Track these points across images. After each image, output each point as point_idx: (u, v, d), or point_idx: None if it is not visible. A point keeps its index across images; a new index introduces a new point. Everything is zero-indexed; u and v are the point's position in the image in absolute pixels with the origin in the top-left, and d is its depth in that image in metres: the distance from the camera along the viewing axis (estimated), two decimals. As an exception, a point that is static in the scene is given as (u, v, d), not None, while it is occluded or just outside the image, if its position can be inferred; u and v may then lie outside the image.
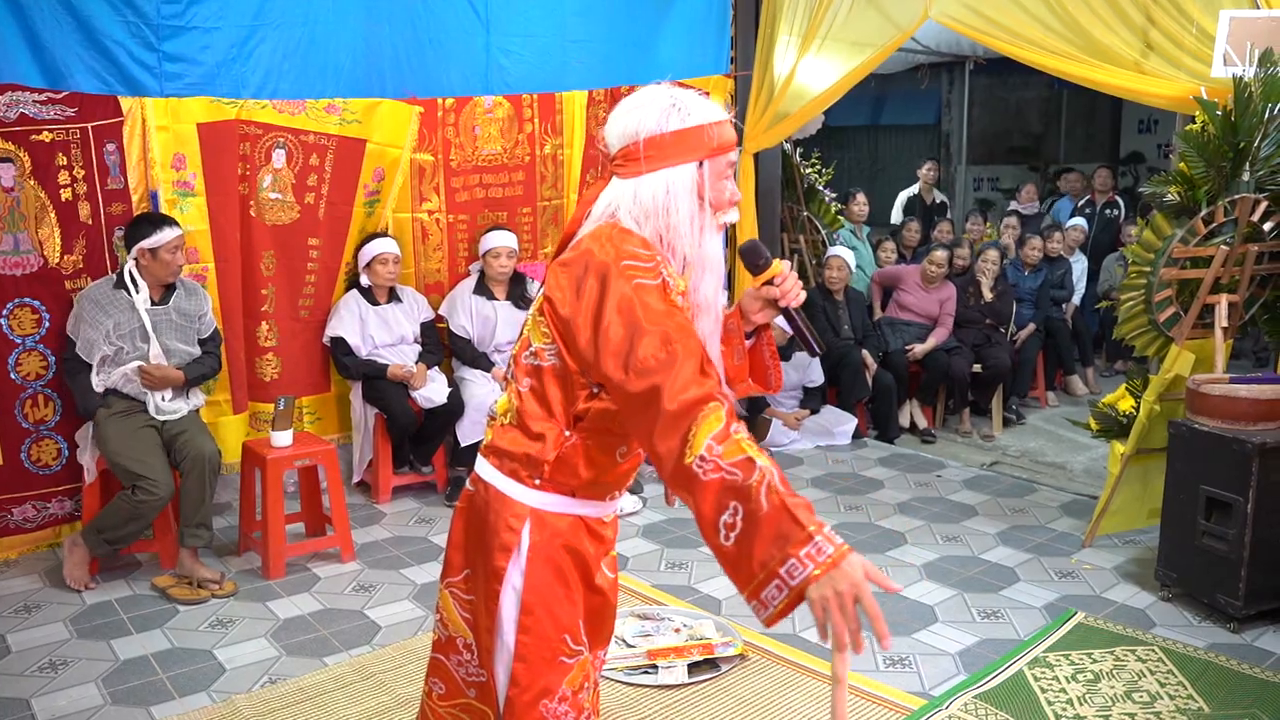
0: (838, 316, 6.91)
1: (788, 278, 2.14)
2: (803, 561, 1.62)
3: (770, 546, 1.64)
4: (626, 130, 2.02)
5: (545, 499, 2.03)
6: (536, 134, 5.95)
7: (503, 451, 2.05)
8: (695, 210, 2.00)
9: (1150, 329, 4.64)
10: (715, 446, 1.70)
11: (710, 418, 1.73)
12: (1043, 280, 7.85)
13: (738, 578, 1.70)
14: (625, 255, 1.90)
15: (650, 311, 1.84)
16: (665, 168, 1.99)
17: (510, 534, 2.01)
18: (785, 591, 1.64)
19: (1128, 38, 4.81)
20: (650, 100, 2.02)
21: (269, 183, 5.16)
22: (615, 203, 2.02)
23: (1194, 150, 4.32)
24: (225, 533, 5.05)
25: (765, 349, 2.28)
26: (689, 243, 2.00)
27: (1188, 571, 4.31)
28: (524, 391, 2.03)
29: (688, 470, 1.72)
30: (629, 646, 3.90)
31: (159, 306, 4.55)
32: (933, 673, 3.81)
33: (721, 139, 2.03)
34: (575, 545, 2.06)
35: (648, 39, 6.28)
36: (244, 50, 5.00)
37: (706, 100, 2.06)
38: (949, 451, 6.71)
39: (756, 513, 1.65)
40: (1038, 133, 13.87)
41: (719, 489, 1.68)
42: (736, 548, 1.67)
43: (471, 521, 2.12)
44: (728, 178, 2.07)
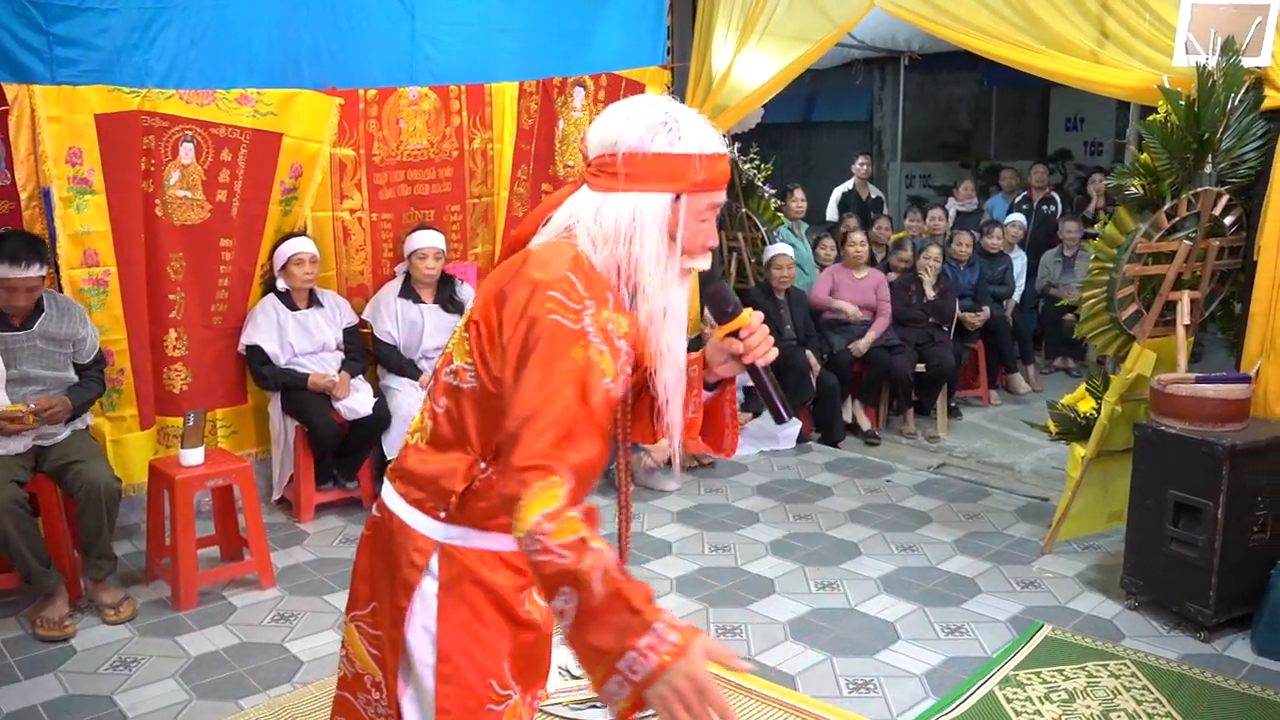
0: (780, 316, 6.69)
1: (756, 331, 1.91)
2: (644, 654, 1.47)
3: (607, 639, 1.49)
4: (608, 138, 1.79)
5: (452, 532, 1.82)
6: (465, 127, 5.62)
7: (410, 476, 1.86)
8: (663, 249, 1.78)
9: (1111, 327, 4.48)
10: (545, 524, 1.52)
11: (546, 494, 1.54)
12: (979, 276, 7.74)
13: (583, 665, 1.54)
14: (555, 285, 1.68)
15: (545, 351, 1.64)
16: (637, 191, 1.76)
17: (413, 570, 1.82)
18: (628, 688, 1.48)
19: (1083, 26, 4.64)
20: (643, 111, 1.79)
21: (176, 179, 4.77)
22: (577, 216, 1.80)
23: (1157, 141, 4.16)
24: (132, 558, 4.65)
25: (726, 406, 2.04)
26: (652, 283, 1.77)
27: (1155, 579, 4.15)
28: (439, 412, 1.83)
29: (520, 541, 1.55)
30: (573, 678, 3.61)
31: (19, 332, 4.11)
32: (899, 697, 3.59)
33: (710, 174, 1.78)
34: (488, 580, 1.83)
35: (582, 28, 5.98)
36: (146, 35, 4.59)
37: (706, 127, 1.80)
38: (895, 454, 6.53)
39: (589, 601, 1.50)
40: (968, 129, 13.88)
41: (550, 573, 1.52)
42: (574, 635, 1.52)
43: (376, 552, 1.93)
44: (707, 220, 1.83)
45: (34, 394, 4.13)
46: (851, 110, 13.01)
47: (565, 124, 6.00)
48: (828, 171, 11.73)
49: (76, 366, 4.28)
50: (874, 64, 12.08)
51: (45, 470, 4.15)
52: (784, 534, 5.03)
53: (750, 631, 4.04)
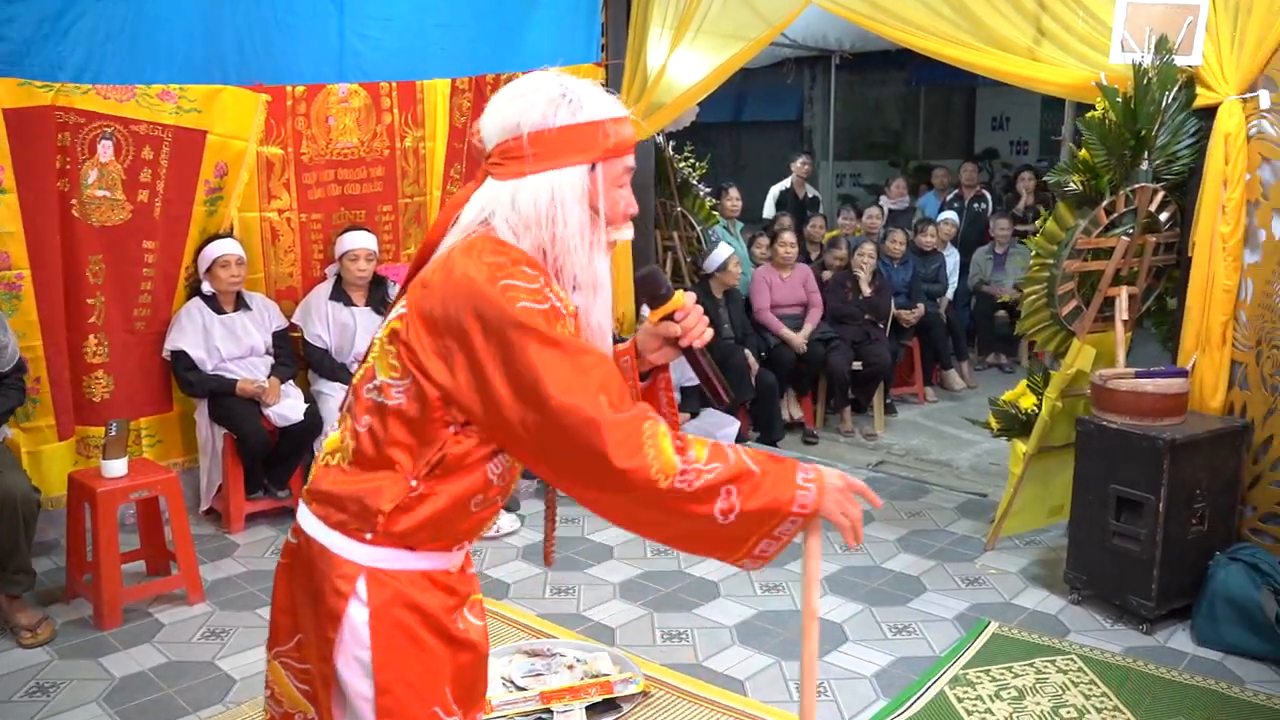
0: (718, 315, 6.65)
1: (690, 313, 1.87)
2: (805, 488, 1.67)
3: (781, 494, 1.65)
4: (506, 122, 1.72)
5: (379, 554, 1.72)
6: (396, 125, 5.48)
7: (329, 498, 1.75)
8: (586, 222, 1.73)
9: (1051, 323, 4.49)
10: (685, 456, 1.61)
11: (658, 434, 1.61)
12: (913, 274, 7.78)
13: (736, 542, 1.68)
14: (503, 274, 1.62)
15: (540, 340, 1.59)
16: (551, 169, 1.70)
17: (338, 598, 1.71)
18: (799, 521, 1.67)
19: (1020, 24, 4.65)
20: (536, 89, 1.72)
21: (94, 178, 4.57)
22: (490, 208, 1.72)
23: (1096, 138, 4.18)
24: (50, 575, 4.44)
25: (662, 395, 1.99)
26: (578, 259, 1.72)
27: (1098, 573, 4.17)
28: (362, 431, 1.73)
29: (670, 492, 1.60)
30: (518, 689, 3.51)
31: None
32: (850, 700, 3.55)
33: (619, 138, 1.75)
34: (421, 603, 1.74)
35: (515, 24, 5.87)
36: (58, 26, 4.39)
37: (603, 92, 1.76)
38: (833, 452, 6.53)
39: (754, 479, 1.64)
40: (896, 129, 14.00)
41: (712, 490, 1.62)
42: (739, 521, 1.64)
43: (296, 581, 1.82)
44: (624, 185, 1.79)
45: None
46: (782, 109, 13.04)
47: (499, 122, 5.87)
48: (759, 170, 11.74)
49: None
50: (804, 63, 12.11)
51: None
52: (728, 535, 4.97)
53: (696, 636, 3.97)
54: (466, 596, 1.83)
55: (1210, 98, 4.15)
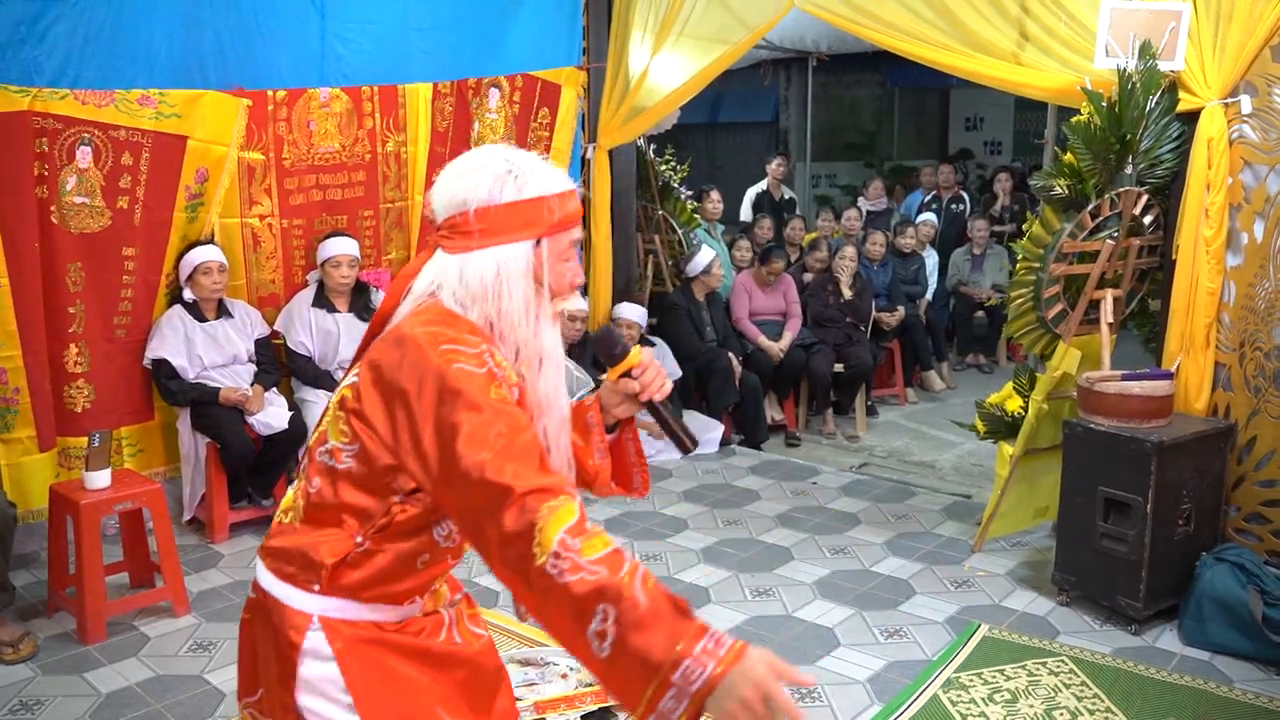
0: (701, 319, 6.65)
1: (648, 368, 1.90)
2: (700, 660, 1.36)
3: (657, 648, 1.38)
4: (455, 198, 1.75)
5: (329, 604, 1.74)
6: (378, 130, 5.44)
7: (279, 553, 1.79)
8: (531, 296, 1.76)
9: (1038, 326, 4.52)
10: (570, 541, 1.46)
11: (560, 510, 1.49)
12: (893, 275, 7.81)
13: (623, 694, 1.44)
14: (445, 339, 1.65)
15: (476, 401, 1.59)
16: (497, 245, 1.74)
17: (291, 649, 1.73)
18: (685, 700, 1.36)
19: (1003, 28, 4.67)
20: (484, 165, 1.77)
21: (73, 184, 4.50)
22: (438, 281, 1.76)
23: (1081, 142, 4.21)
24: (31, 589, 4.37)
25: (630, 445, 2.01)
26: (523, 333, 1.75)
27: (1086, 574, 4.19)
28: (312, 493, 1.76)
29: (540, 574, 1.45)
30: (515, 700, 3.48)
31: None
32: (845, 705, 3.55)
33: (564, 213, 1.78)
34: (383, 638, 1.77)
35: (496, 28, 5.84)
36: (35, 30, 4.31)
37: (548, 167, 1.80)
38: (816, 455, 6.54)
39: (633, 612, 1.40)
40: (871, 130, 14.04)
41: (584, 591, 1.42)
42: (613, 658, 1.41)
43: (257, 635, 1.84)
44: (570, 258, 1.83)
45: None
46: (758, 111, 13.05)
47: (480, 126, 5.85)
48: (735, 172, 11.75)
49: None
50: (780, 65, 12.14)
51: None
52: (714, 540, 4.97)
53: None
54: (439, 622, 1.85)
55: (1193, 102, 4.18)
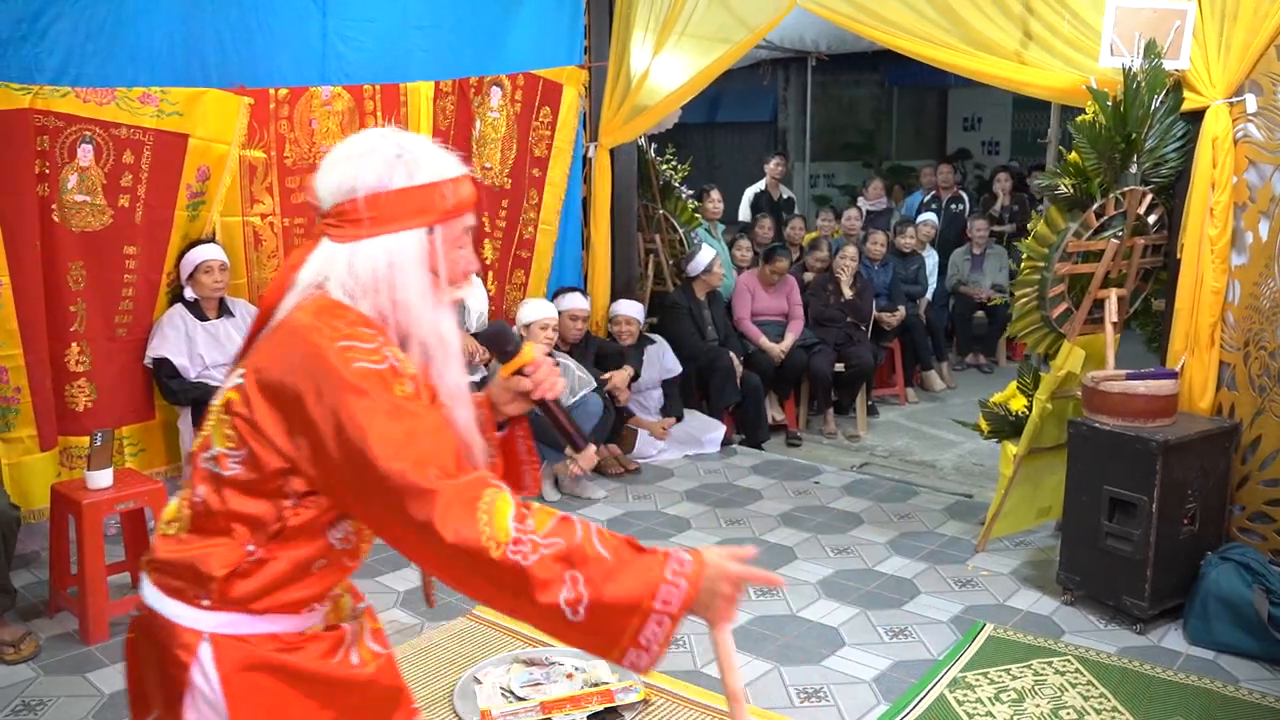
0: (702, 318, 6.64)
1: (540, 365, 1.86)
2: (673, 583, 1.49)
3: (633, 588, 1.48)
4: (342, 184, 1.67)
5: (219, 620, 1.64)
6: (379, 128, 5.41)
7: (165, 566, 1.68)
8: (426, 285, 1.69)
9: (1042, 326, 4.51)
10: (522, 526, 1.49)
11: (498, 501, 1.51)
12: (893, 275, 7.81)
13: (601, 643, 1.51)
14: (339, 335, 1.58)
15: (381, 402, 1.54)
16: (388, 233, 1.66)
17: (180, 669, 1.63)
18: (668, 621, 1.49)
19: (1007, 27, 4.67)
20: (372, 149, 1.68)
21: (74, 183, 4.48)
22: (325, 272, 1.67)
23: (1086, 141, 4.20)
24: (32, 589, 4.35)
25: (520, 443, 1.97)
26: (422, 324, 1.68)
27: (1091, 574, 4.19)
28: (197, 502, 1.67)
29: (506, 565, 1.47)
30: (518, 700, 3.48)
31: None
32: (851, 704, 3.54)
33: (457, 199, 1.71)
34: (277, 660, 1.66)
35: (498, 27, 5.83)
36: (35, 27, 4.28)
37: (440, 151, 1.73)
38: (817, 454, 6.53)
39: (601, 566, 1.49)
40: (870, 130, 14.04)
41: (550, 567, 1.47)
42: (590, 615, 1.47)
43: (144, 656, 1.74)
44: (464, 245, 1.76)
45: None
46: (756, 111, 13.05)
47: (482, 124, 5.84)
48: (733, 172, 11.74)
49: None
50: (779, 64, 12.13)
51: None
52: (717, 540, 4.96)
53: (694, 643, 3.95)
54: (338, 640, 1.76)
55: (1198, 102, 4.18)
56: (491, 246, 6.01)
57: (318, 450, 1.57)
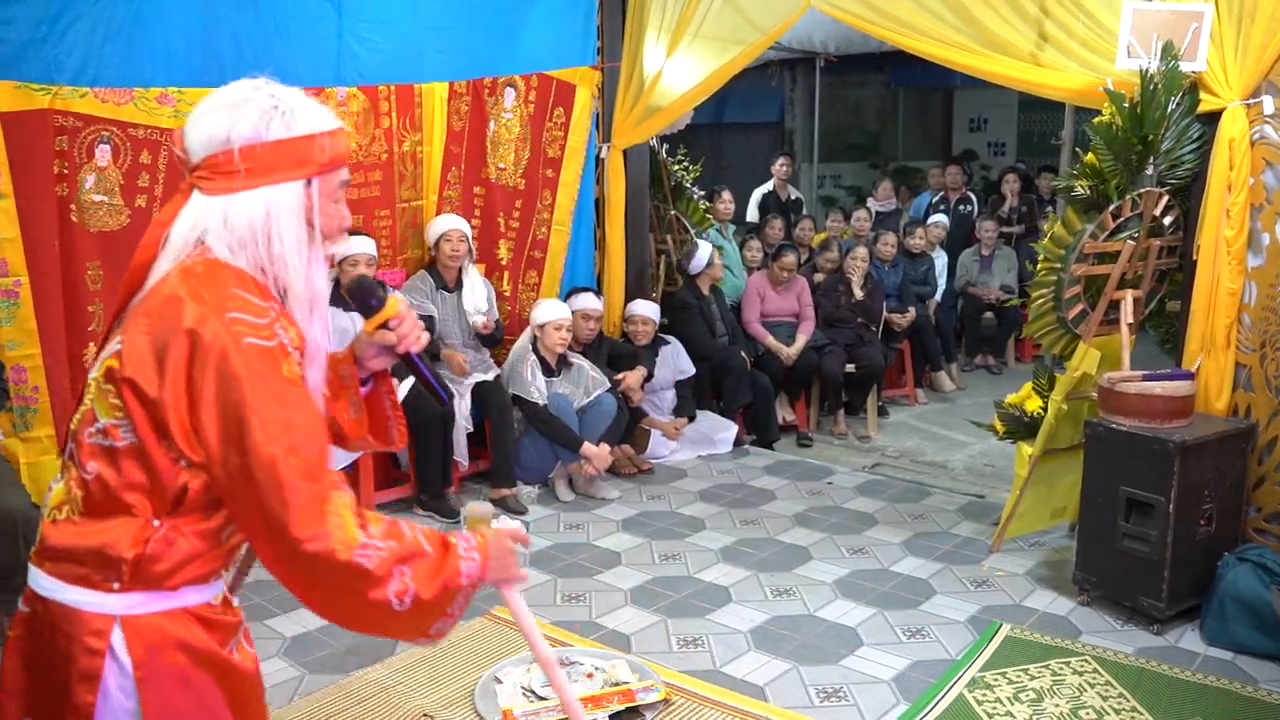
0: (711, 313, 6.63)
1: (405, 319, 1.88)
2: (469, 557, 1.70)
3: (449, 574, 1.67)
4: (215, 135, 1.65)
5: (131, 600, 1.60)
6: (394, 129, 5.43)
7: (64, 554, 1.62)
8: (303, 237, 1.69)
9: (1058, 327, 4.51)
10: (364, 533, 1.59)
11: (343, 511, 1.59)
12: (903, 276, 7.81)
13: (419, 624, 1.69)
14: (231, 306, 1.57)
15: (258, 382, 1.55)
16: (265, 185, 1.65)
17: (92, 657, 1.59)
18: (468, 590, 1.71)
19: (1022, 29, 4.67)
20: (247, 99, 1.67)
21: (92, 183, 4.49)
22: (202, 226, 1.64)
23: (1103, 143, 4.21)
24: (51, 588, 4.36)
25: (385, 398, 1.99)
26: (296, 277, 1.67)
27: (1107, 574, 4.20)
28: (89, 479, 1.61)
29: (350, 567, 1.57)
30: (539, 699, 3.49)
31: None
32: (871, 704, 3.55)
33: (334, 152, 1.72)
34: (187, 640, 1.64)
35: (511, 28, 5.84)
36: (55, 28, 4.30)
37: (316, 104, 1.73)
38: (829, 455, 6.54)
39: (427, 560, 1.66)
40: (875, 131, 14.05)
41: (389, 566, 1.60)
42: (414, 607, 1.63)
43: (32, 654, 1.67)
44: (340, 200, 1.76)
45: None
46: (763, 112, 13.06)
47: (496, 125, 5.85)
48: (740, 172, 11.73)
49: None
50: (786, 65, 12.14)
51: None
52: (733, 540, 4.97)
53: (712, 642, 3.96)
54: (235, 626, 1.74)
55: (1214, 103, 4.18)
56: (505, 246, 6.02)
57: (194, 424, 1.56)
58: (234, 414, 1.53)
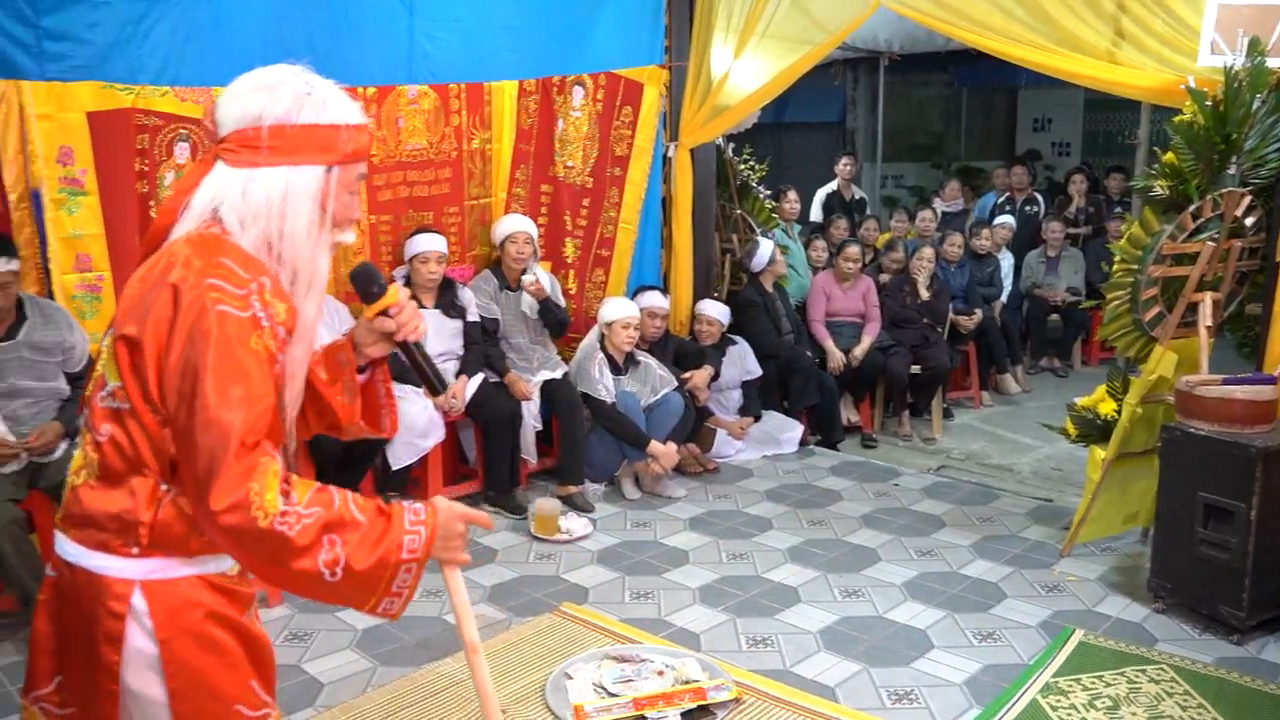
0: (777, 310, 6.60)
1: (404, 308, 1.92)
2: (414, 531, 1.67)
3: (385, 546, 1.64)
4: (248, 111, 1.71)
5: (150, 565, 1.66)
6: (464, 127, 5.47)
7: (86, 519, 1.67)
8: (315, 220, 1.75)
9: (1133, 329, 4.44)
10: (286, 500, 1.57)
11: (268, 475, 1.57)
12: (969, 277, 7.72)
13: (358, 596, 1.66)
14: (213, 273, 1.62)
15: (223, 348, 1.58)
16: (287, 165, 1.72)
17: (115, 620, 1.64)
18: (414, 566, 1.67)
19: (1098, 26, 4.61)
20: (283, 82, 1.74)
21: (171, 180, 4.57)
22: (220, 197, 1.71)
23: (1184, 142, 4.13)
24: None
25: (380, 386, 2.03)
26: (304, 256, 1.74)
27: (1184, 581, 4.12)
28: (103, 442, 1.67)
29: (270, 534, 1.55)
30: (611, 695, 3.50)
31: (4, 342, 3.94)
32: (942, 707, 3.52)
33: (357, 145, 1.79)
34: (207, 603, 1.70)
35: (580, 26, 5.86)
36: (139, 30, 4.39)
37: (346, 98, 1.79)
38: (894, 456, 6.48)
39: (358, 529, 1.62)
40: (938, 130, 13.90)
41: (312, 535, 1.58)
42: (347, 575, 1.61)
43: (61, 615, 1.73)
44: (356, 192, 1.83)
45: (24, 407, 3.97)
46: (824, 111, 12.96)
47: (565, 123, 5.87)
48: (802, 172, 11.67)
49: (67, 376, 4.12)
50: (848, 65, 12.05)
51: (42, 488, 3.97)
52: (800, 540, 4.95)
53: (782, 642, 3.95)
54: (251, 597, 1.80)
55: (1302, 100, 4.10)
56: (573, 245, 6.04)
57: (161, 374, 1.61)
58: (191, 373, 1.57)
